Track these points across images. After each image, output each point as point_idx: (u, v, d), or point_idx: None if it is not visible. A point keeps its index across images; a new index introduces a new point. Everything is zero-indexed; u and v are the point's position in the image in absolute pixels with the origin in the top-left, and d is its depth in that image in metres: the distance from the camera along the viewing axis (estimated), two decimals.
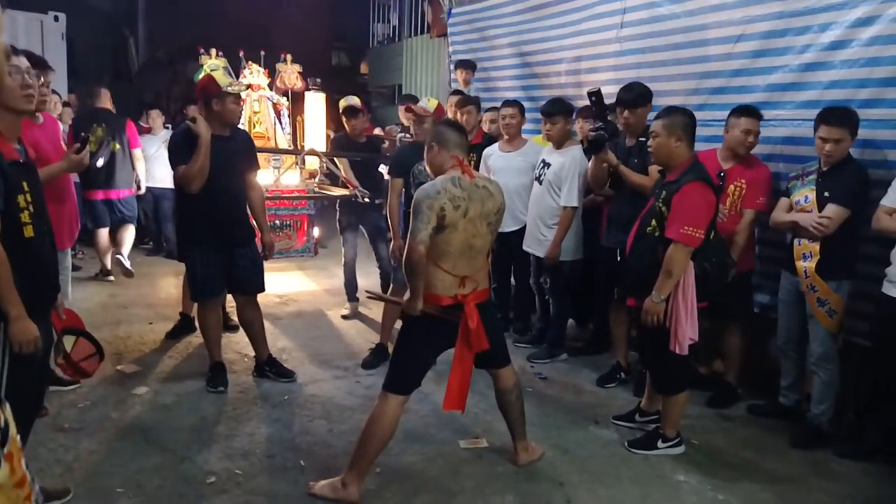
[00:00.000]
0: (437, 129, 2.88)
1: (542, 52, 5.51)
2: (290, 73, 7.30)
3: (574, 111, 4.45)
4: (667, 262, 2.95)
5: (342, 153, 5.41)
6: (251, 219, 3.95)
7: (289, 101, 7.29)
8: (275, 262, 6.10)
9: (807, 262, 3.27)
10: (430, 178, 2.85)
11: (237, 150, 3.74)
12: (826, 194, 3.23)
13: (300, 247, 6.99)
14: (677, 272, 2.94)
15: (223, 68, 6.60)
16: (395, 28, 11.82)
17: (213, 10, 12.45)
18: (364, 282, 5.32)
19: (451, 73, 6.65)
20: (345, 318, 5.28)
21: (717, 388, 3.89)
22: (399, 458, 3.08)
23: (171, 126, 7.27)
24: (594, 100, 3.90)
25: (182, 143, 3.57)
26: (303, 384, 3.94)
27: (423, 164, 3.02)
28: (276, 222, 6.58)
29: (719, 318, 3.79)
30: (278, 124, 7.12)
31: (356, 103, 5.13)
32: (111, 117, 5.96)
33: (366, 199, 5.02)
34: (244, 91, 5.16)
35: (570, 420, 3.60)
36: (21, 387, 2.20)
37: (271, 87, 7.14)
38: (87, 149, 3.23)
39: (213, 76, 3.75)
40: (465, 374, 2.81)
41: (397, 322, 3.22)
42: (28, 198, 2.25)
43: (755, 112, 3.58)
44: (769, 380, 3.81)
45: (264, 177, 5.78)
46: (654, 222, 3.07)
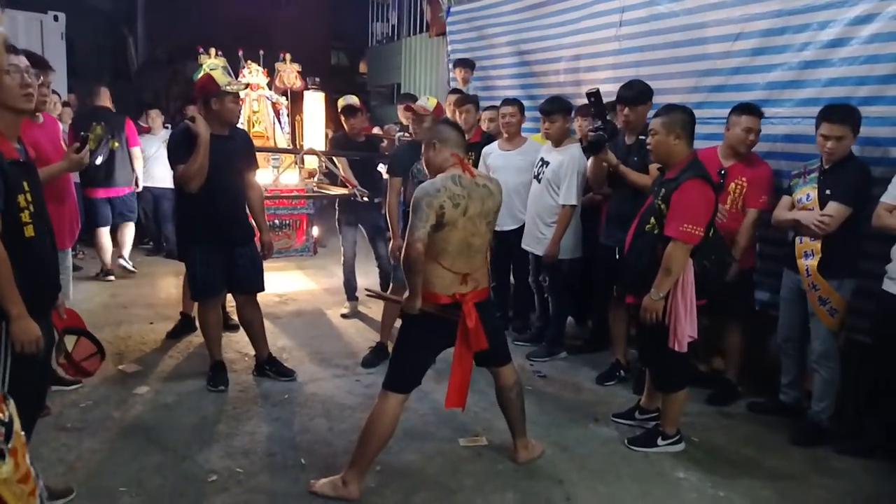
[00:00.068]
0: (437, 128, 2.88)
1: (540, 50, 5.52)
2: (289, 73, 7.32)
3: (573, 109, 4.45)
4: (666, 260, 2.95)
5: (341, 152, 5.41)
6: (250, 218, 3.95)
7: (288, 100, 7.30)
8: (274, 262, 6.11)
9: (808, 260, 3.26)
10: (428, 177, 2.85)
11: (236, 149, 3.75)
12: (828, 192, 3.22)
13: (299, 246, 7.00)
14: (676, 270, 2.95)
15: (222, 67, 6.61)
16: (393, 27, 11.83)
17: (212, 9, 12.46)
18: (363, 281, 5.33)
19: (450, 71, 6.66)
20: (344, 317, 5.28)
21: (717, 385, 3.89)
22: (399, 456, 3.09)
23: (170, 126, 7.28)
24: (593, 100, 3.90)
25: (181, 142, 3.58)
26: (303, 383, 3.94)
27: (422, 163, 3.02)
28: (276, 222, 6.59)
29: (720, 315, 3.79)
30: (277, 124, 7.13)
31: (355, 102, 5.14)
32: (110, 116, 6.03)
33: (365, 199, 5.02)
34: (243, 90, 5.17)
35: (570, 418, 3.61)
36: (23, 387, 2.20)
37: (270, 86, 7.15)
38: (87, 148, 3.23)
39: (212, 75, 3.75)
40: (464, 372, 2.81)
41: (397, 321, 3.22)
42: (28, 197, 2.25)
43: (756, 110, 3.57)
44: (769, 377, 3.82)
45: (263, 176, 5.79)
46: (653, 220, 3.07)
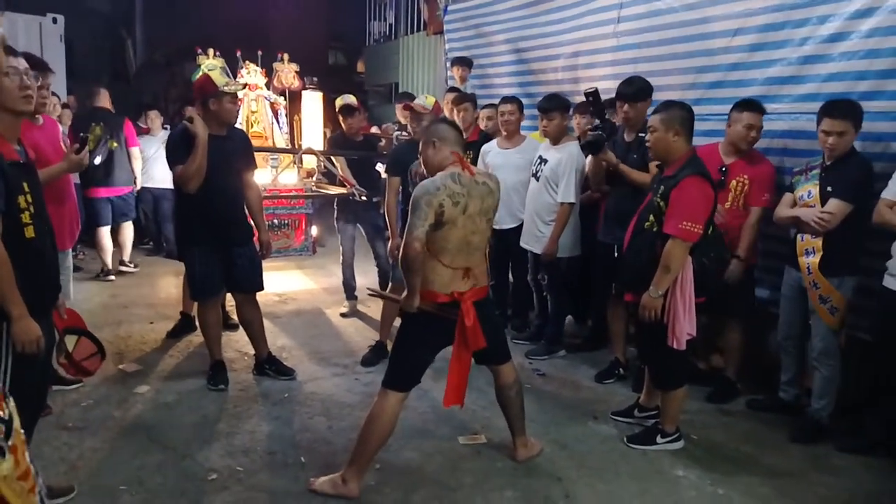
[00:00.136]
0: (435, 126, 2.87)
1: (538, 48, 5.51)
2: (287, 73, 7.31)
3: (571, 107, 4.45)
4: (665, 258, 2.95)
5: (339, 152, 5.42)
6: (249, 218, 3.95)
7: (286, 100, 7.30)
8: (273, 261, 6.11)
9: (809, 258, 3.25)
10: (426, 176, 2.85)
11: (234, 149, 3.75)
12: (829, 189, 3.20)
13: (298, 245, 6.99)
14: (675, 267, 2.94)
15: (220, 68, 6.60)
16: (391, 26, 11.83)
17: (210, 11, 12.48)
18: (362, 280, 5.34)
19: (448, 70, 6.65)
20: (343, 316, 5.29)
21: (717, 383, 3.89)
22: (398, 455, 3.10)
23: (169, 127, 7.29)
24: (591, 99, 3.90)
25: (179, 142, 3.58)
26: (302, 382, 3.95)
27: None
28: (275, 221, 6.58)
29: (720, 314, 3.79)
30: (276, 123, 7.12)
31: (353, 102, 5.15)
32: (109, 116, 6.08)
33: (363, 198, 5.02)
34: (241, 90, 5.17)
35: (569, 416, 3.61)
36: (24, 386, 2.21)
37: (268, 86, 7.14)
38: (87, 149, 3.24)
39: (210, 76, 3.76)
40: (462, 370, 2.82)
41: (396, 319, 3.23)
42: (28, 198, 2.26)
43: (758, 106, 3.55)
44: (769, 375, 3.82)
45: (262, 176, 5.79)
46: (652, 217, 3.06)
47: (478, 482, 2.92)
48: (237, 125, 4.12)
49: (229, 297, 4.38)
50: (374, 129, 6.34)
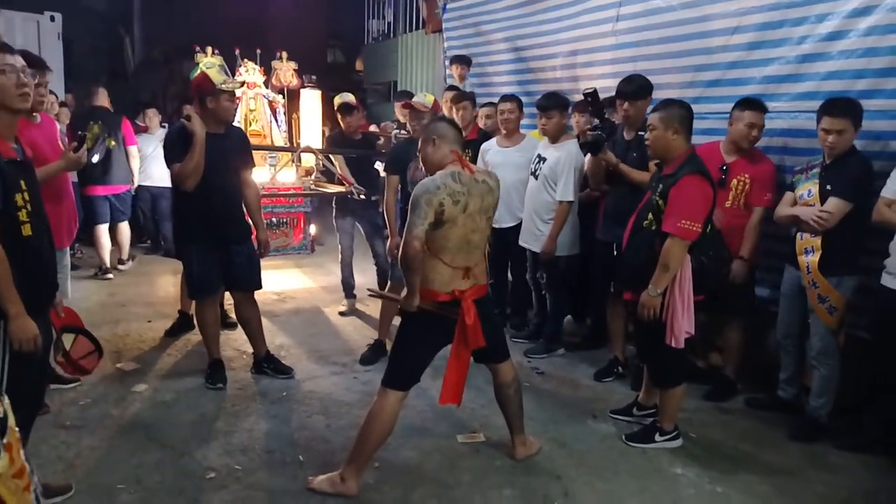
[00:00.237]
0: (435, 125, 2.86)
1: (537, 46, 5.51)
2: (286, 71, 7.30)
3: (570, 105, 4.44)
4: (664, 256, 2.95)
5: (338, 150, 5.41)
6: (247, 216, 3.95)
7: (284, 98, 7.29)
8: (272, 260, 6.11)
9: (809, 257, 3.25)
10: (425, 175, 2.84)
11: (232, 147, 3.74)
12: (828, 188, 3.20)
13: (297, 244, 6.98)
14: (674, 266, 2.94)
15: (218, 66, 6.58)
16: (390, 24, 11.83)
17: (208, 9, 12.47)
18: (361, 279, 5.34)
19: (447, 68, 6.65)
20: (342, 314, 5.28)
21: (715, 381, 3.89)
22: (397, 453, 3.09)
23: (167, 125, 7.28)
24: (590, 99, 3.90)
25: (177, 140, 3.58)
26: (301, 380, 3.95)
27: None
28: (273, 220, 6.57)
29: (720, 313, 3.78)
30: (274, 122, 7.12)
31: (351, 100, 5.14)
32: (107, 115, 6.09)
33: (362, 196, 5.02)
34: (239, 88, 5.15)
35: (568, 414, 3.61)
36: (21, 385, 2.21)
37: (267, 84, 7.14)
38: (84, 147, 3.24)
39: (208, 74, 3.74)
40: (461, 369, 2.81)
41: (395, 318, 3.22)
42: (26, 196, 2.26)
43: (760, 105, 3.55)
44: (767, 373, 3.82)
45: (260, 174, 5.79)
46: (650, 216, 3.06)
47: (476, 480, 2.91)
48: (235, 123, 4.10)
49: (227, 295, 4.37)
50: (372, 128, 6.33)
